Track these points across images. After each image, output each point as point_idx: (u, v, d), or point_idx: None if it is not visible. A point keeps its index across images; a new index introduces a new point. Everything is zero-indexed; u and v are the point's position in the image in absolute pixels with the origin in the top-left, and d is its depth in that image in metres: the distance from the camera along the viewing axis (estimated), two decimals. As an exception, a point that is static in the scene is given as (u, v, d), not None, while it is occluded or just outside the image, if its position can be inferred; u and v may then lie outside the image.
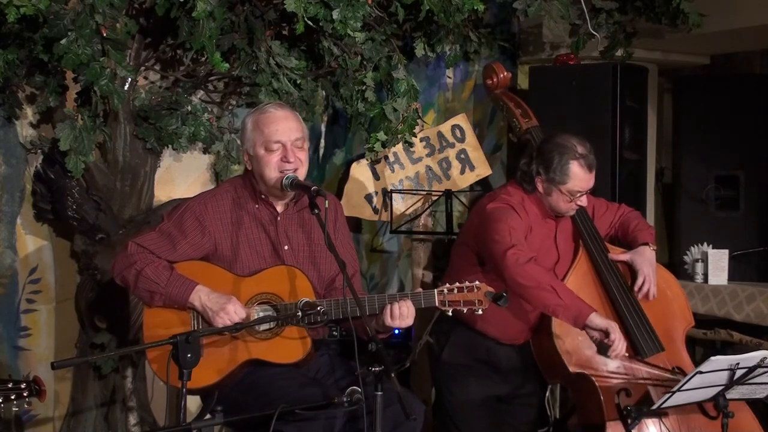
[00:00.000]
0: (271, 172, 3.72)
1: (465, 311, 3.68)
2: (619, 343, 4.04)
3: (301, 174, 3.74)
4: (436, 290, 3.68)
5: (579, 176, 4.24)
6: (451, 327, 4.42)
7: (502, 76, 4.92)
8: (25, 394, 3.71)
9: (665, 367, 4.27)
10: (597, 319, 4.04)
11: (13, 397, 3.70)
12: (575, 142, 4.27)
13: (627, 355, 4.15)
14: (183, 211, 3.78)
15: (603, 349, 4.10)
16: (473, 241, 4.39)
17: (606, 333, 4.04)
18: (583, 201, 4.31)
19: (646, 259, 4.41)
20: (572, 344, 4.25)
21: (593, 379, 4.20)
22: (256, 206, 3.82)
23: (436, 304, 3.68)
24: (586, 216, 4.49)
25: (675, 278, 4.61)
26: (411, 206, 5.52)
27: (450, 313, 3.70)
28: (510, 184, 4.46)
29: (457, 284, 3.68)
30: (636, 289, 4.38)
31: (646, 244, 4.46)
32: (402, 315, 3.63)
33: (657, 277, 4.45)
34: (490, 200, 4.37)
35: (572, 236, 4.49)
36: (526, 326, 4.40)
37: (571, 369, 4.23)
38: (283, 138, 3.72)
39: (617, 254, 4.46)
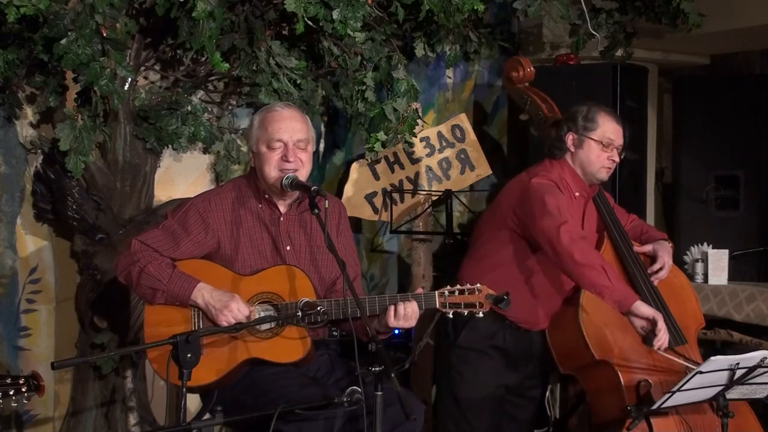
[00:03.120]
0: (271, 171, 3.72)
1: (466, 314, 3.67)
2: (664, 334, 4.03)
3: (302, 175, 3.73)
4: (436, 292, 3.67)
5: (608, 123, 4.31)
6: None
7: (529, 70, 4.88)
8: (23, 390, 3.68)
9: (689, 357, 4.26)
10: (643, 307, 4.02)
11: (11, 393, 3.67)
12: (600, 104, 4.40)
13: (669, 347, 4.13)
14: (187, 208, 3.78)
15: (648, 339, 4.06)
16: (512, 217, 4.33)
17: (653, 322, 4.01)
18: (615, 156, 4.33)
19: (666, 249, 4.46)
20: (598, 331, 4.23)
21: (616, 368, 4.19)
22: (260, 206, 3.82)
23: (437, 305, 3.67)
24: (610, 208, 4.49)
25: (688, 279, 4.66)
26: (411, 206, 5.52)
27: (450, 315, 3.69)
28: (546, 161, 4.44)
29: (458, 286, 3.67)
30: (651, 271, 4.39)
31: (665, 239, 4.52)
32: (406, 315, 3.63)
33: (672, 278, 4.48)
34: (532, 175, 4.34)
35: (596, 224, 4.48)
36: (549, 311, 4.39)
37: (597, 355, 4.20)
38: (285, 137, 3.72)
39: (639, 247, 4.48)
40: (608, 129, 4.31)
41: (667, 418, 4.10)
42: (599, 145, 4.30)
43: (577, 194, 4.39)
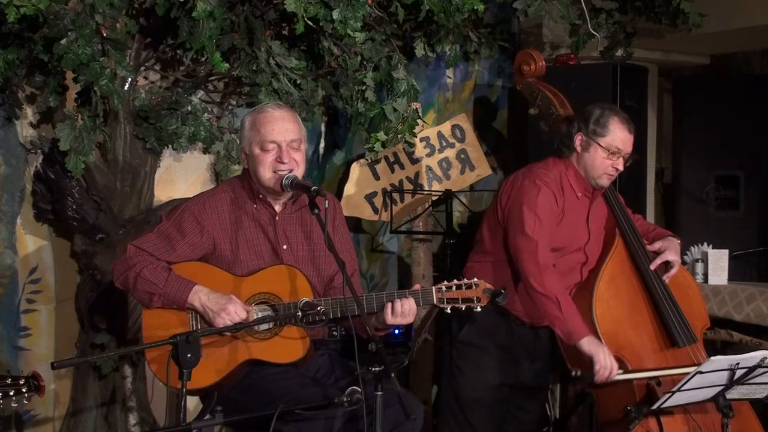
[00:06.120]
0: (266, 172, 3.72)
1: (463, 308, 3.68)
2: (603, 370, 4.08)
3: (298, 174, 3.73)
4: (434, 288, 3.67)
5: (618, 132, 4.29)
6: None
7: (540, 63, 4.86)
8: (24, 390, 3.68)
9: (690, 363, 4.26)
10: (585, 345, 4.10)
11: (12, 393, 3.67)
12: (616, 107, 4.42)
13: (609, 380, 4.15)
14: (181, 211, 3.78)
15: (585, 375, 4.14)
16: (504, 217, 4.38)
17: (590, 360, 4.09)
18: (620, 165, 4.32)
19: (674, 247, 4.45)
20: (611, 328, 4.23)
21: (628, 365, 4.18)
22: (255, 206, 3.82)
23: (435, 302, 3.67)
24: (622, 206, 4.50)
25: (694, 279, 4.67)
26: (411, 206, 5.51)
27: (449, 311, 3.69)
28: (550, 159, 4.45)
29: (455, 281, 3.67)
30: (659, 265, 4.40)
31: (672, 236, 4.52)
32: (404, 312, 3.63)
33: (679, 276, 4.48)
34: (528, 176, 4.37)
35: (606, 222, 4.48)
36: None
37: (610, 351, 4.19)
38: (278, 138, 3.72)
39: (648, 246, 4.47)
40: (618, 137, 4.29)
41: (675, 417, 4.10)
42: (605, 152, 4.29)
43: (579, 195, 4.39)
